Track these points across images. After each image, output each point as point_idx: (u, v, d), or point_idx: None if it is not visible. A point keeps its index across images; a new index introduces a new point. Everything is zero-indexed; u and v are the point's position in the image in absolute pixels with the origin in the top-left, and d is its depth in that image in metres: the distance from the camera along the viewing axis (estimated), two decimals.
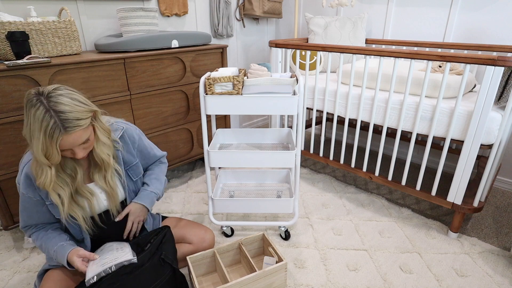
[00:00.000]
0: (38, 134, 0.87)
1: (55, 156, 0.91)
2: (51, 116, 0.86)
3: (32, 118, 0.86)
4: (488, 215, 1.74)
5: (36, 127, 0.86)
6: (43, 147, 0.88)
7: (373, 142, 2.57)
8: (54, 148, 0.89)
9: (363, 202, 1.85)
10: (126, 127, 1.15)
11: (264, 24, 2.87)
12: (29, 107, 0.87)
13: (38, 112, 0.86)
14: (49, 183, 0.95)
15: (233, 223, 1.56)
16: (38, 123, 0.86)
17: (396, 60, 1.49)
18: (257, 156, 1.41)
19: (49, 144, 0.88)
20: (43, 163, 0.92)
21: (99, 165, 1.05)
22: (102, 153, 1.03)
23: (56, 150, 0.89)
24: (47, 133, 0.86)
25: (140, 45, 1.62)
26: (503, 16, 1.76)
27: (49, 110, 0.86)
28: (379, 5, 2.22)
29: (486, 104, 1.27)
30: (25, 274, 1.35)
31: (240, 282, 1.12)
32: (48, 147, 0.88)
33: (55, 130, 0.86)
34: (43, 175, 0.94)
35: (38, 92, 0.89)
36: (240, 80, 1.30)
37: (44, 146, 0.88)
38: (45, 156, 0.90)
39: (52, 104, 0.87)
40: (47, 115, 0.86)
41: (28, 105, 0.88)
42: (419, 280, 1.30)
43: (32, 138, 0.88)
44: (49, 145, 0.88)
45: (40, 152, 0.89)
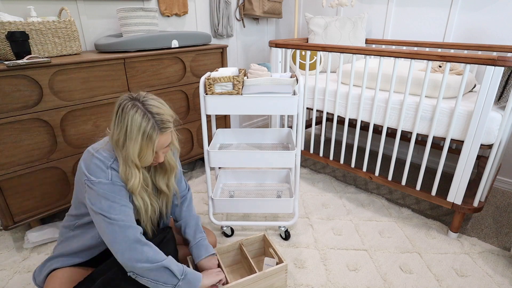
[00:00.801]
0: (136, 135, 0.91)
1: (149, 157, 0.95)
2: (149, 119, 0.91)
3: (130, 120, 0.90)
4: (488, 215, 1.74)
5: (134, 129, 0.90)
6: (140, 148, 0.92)
7: (373, 142, 2.57)
8: (150, 149, 0.94)
9: (363, 202, 1.85)
10: None
11: (264, 24, 2.87)
12: (126, 111, 0.91)
13: (136, 115, 0.90)
14: (137, 186, 0.98)
15: (233, 223, 1.56)
16: (137, 124, 0.90)
17: (396, 60, 1.49)
18: (257, 156, 1.41)
19: (145, 145, 0.92)
20: (135, 165, 0.95)
21: (164, 170, 1.10)
22: (170, 158, 1.09)
23: (151, 150, 0.94)
24: (146, 134, 0.91)
25: (140, 45, 1.62)
26: (503, 16, 1.76)
27: (146, 113, 0.91)
28: (379, 5, 2.22)
29: (486, 104, 1.27)
30: (25, 274, 1.34)
31: (240, 283, 1.12)
32: (144, 148, 0.93)
33: (154, 130, 0.92)
34: (133, 178, 0.96)
35: (131, 97, 0.94)
36: (240, 80, 1.30)
37: (140, 147, 0.92)
38: (139, 158, 0.94)
39: (147, 107, 0.92)
40: (145, 117, 0.91)
41: (124, 109, 0.92)
42: (419, 280, 1.30)
43: (129, 140, 0.91)
44: (145, 146, 0.92)
45: (136, 154, 0.93)
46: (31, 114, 1.35)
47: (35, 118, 1.37)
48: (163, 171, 1.11)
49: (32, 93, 1.33)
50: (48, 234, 1.51)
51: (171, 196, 1.16)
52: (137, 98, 0.94)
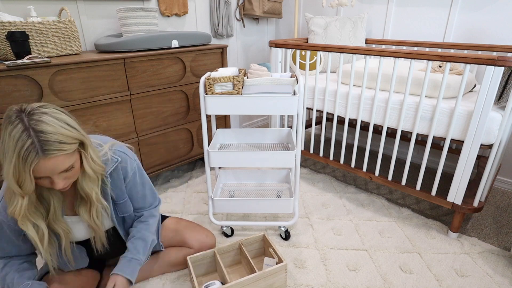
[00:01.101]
0: (11, 155, 0.74)
1: (28, 184, 0.77)
2: (28, 136, 0.74)
3: (7, 136, 0.74)
4: (488, 215, 1.74)
5: (11, 147, 0.74)
6: (14, 171, 0.75)
7: (373, 142, 2.57)
8: (27, 174, 0.75)
9: (363, 202, 1.85)
10: (122, 158, 1.02)
11: (264, 24, 2.87)
12: (6, 124, 0.75)
13: (15, 130, 0.74)
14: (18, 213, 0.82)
15: (233, 223, 1.56)
16: (13, 142, 0.73)
17: (396, 60, 1.49)
18: (257, 156, 1.41)
19: (21, 168, 0.75)
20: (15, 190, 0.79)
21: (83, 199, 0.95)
22: (86, 187, 0.91)
23: (29, 176, 0.76)
24: (21, 155, 0.73)
25: (140, 45, 1.62)
26: (503, 16, 1.76)
27: (28, 128, 0.74)
28: (379, 5, 2.22)
29: (486, 104, 1.27)
30: None
31: (240, 283, 1.12)
32: (21, 172, 0.75)
33: (30, 151, 0.74)
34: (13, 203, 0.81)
35: (20, 108, 0.77)
36: (240, 80, 1.30)
37: (17, 170, 0.75)
38: (17, 183, 0.77)
39: (33, 122, 0.75)
40: (25, 134, 0.73)
41: (5, 121, 0.76)
42: (419, 280, 1.30)
43: (4, 160, 0.76)
44: (21, 170, 0.75)
45: (11, 177, 0.76)
46: None
47: None
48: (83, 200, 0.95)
49: (32, 93, 1.33)
50: None
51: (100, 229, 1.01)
52: (25, 110, 0.76)
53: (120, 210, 1.08)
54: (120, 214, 1.09)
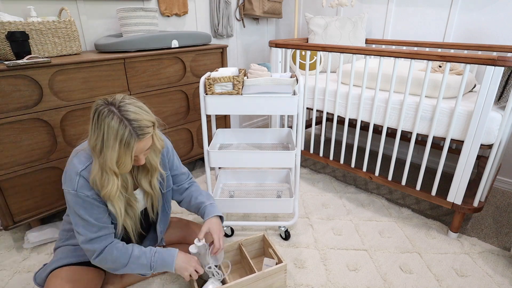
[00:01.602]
0: (113, 143, 0.89)
1: (128, 164, 0.94)
2: (125, 126, 0.89)
3: (106, 128, 0.88)
4: (488, 215, 1.74)
5: (111, 136, 0.88)
6: (118, 156, 0.91)
7: (373, 142, 2.57)
8: (129, 156, 0.92)
9: (363, 202, 1.85)
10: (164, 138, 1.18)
11: (264, 24, 2.87)
12: (102, 118, 0.89)
13: (113, 122, 0.88)
14: (114, 193, 0.96)
15: (233, 223, 1.56)
16: (113, 132, 0.88)
17: (396, 60, 1.48)
18: (257, 156, 1.41)
19: (123, 152, 0.90)
20: (113, 172, 0.93)
21: (146, 169, 1.09)
22: (152, 159, 1.07)
23: (130, 158, 0.93)
24: (124, 141, 0.89)
25: (140, 45, 1.62)
26: (503, 16, 1.76)
27: (122, 120, 0.89)
28: (379, 5, 2.22)
29: (486, 104, 1.27)
30: (25, 274, 1.34)
31: (240, 283, 1.12)
32: (122, 156, 0.91)
33: (131, 138, 0.90)
34: (110, 185, 0.94)
35: (107, 102, 0.91)
36: (240, 80, 1.30)
37: (118, 154, 0.90)
38: (118, 165, 0.92)
39: (123, 113, 0.90)
40: (122, 124, 0.88)
41: (100, 116, 0.89)
42: (419, 280, 1.30)
43: (106, 148, 0.90)
44: (123, 154, 0.91)
45: (114, 161, 0.91)
46: (31, 114, 1.35)
47: (35, 118, 1.37)
48: (145, 171, 1.10)
49: (32, 93, 1.33)
50: (48, 234, 1.51)
51: (156, 195, 1.16)
52: (113, 103, 0.91)
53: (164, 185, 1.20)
54: (163, 189, 1.20)
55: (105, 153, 0.90)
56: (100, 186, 0.95)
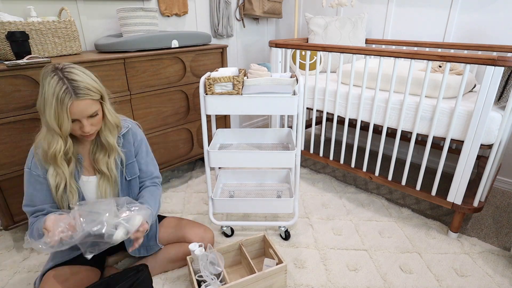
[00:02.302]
0: (51, 99, 0.92)
1: (66, 123, 0.95)
2: (63, 83, 0.92)
3: (46, 86, 0.92)
4: (488, 215, 1.74)
5: (50, 93, 0.92)
6: (55, 113, 0.93)
7: (373, 142, 2.57)
8: (65, 113, 0.93)
9: (363, 202, 1.85)
10: (132, 126, 1.19)
11: (264, 24, 2.87)
12: (44, 78, 0.94)
13: (52, 80, 0.92)
14: (58, 152, 0.98)
15: (233, 223, 1.56)
16: (51, 89, 0.92)
17: (396, 60, 1.48)
18: (257, 156, 1.41)
19: (60, 109, 0.92)
20: (54, 131, 0.96)
21: (104, 149, 1.10)
22: (108, 136, 1.08)
23: (66, 115, 0.94)
24: (59, 97, 0.91)
25: (140, 45, 1.61)
26: (503, 16, 1.76)
27: (62, 78, 0.93)
28: (379, 5, 2.22)
29: (486, 104, 1.27)
30: (25, 274, 1.35)
31: (240, 283, 1.12)
32: (60, 113, 0.93)
33: (66, 94, 0.92)
34: (54, 144, 0.97)
35: (54, 66, 0.96)
36: (240, 80, 1.30)
37: (56, 111, 0.93)
38: (57, 123, 0.95)
39: (66, 73, 0.94)
40: (61, 82, 0.92)
41: (44, 76, 0.94)
42: (419, 280, 1.30)
43: (46, 106, 0.93)
44: (60, 111, 0.93)
45: (53, 118, 0.94)
46: (31, 114, 1.35)
47: (35, 118, 1.36)
48: (103, 151, 1.10)
49: (32, 93, 1.33)
50: None
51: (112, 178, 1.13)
52: (59, 67, 0.96)
53: (129, 172, 1.19)
54: (128, 176, 1.18)
55: (46, 111, 0.94)
56: (47, 147, 0.98)
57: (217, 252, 1.19)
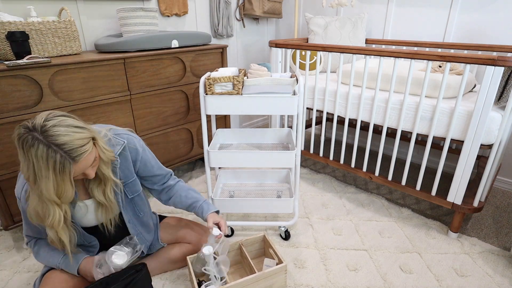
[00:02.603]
0: (46, 173, 0.81)
1: (69, 191, 0.87)
2: (55, 151, 0.80)
3: (34, 158, 0.79)
4: (488, 215, 1.74)
5: (42, 167, 0.80)
6: (54, 185, 0.83)
7: (373, 142, 2.57)
8: (68, 182, 0.85)
9: (363, 202, 1.85)
10: (128, 140, 1.09)
11: (264, 24, 2.87)
12: (26, 148, 0.79)
13: (39, 151, 0.79)
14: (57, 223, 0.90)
15: (233, 223, 1.56)
16: (43, 163, 0.80)
17: (396, 60, 1.48)
18: (257, 156, 1.41)
19: (60, 180, 0.83)
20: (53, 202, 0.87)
21: (98, 179, 1.02)
22: (103, 169, 0.99)
23: (70, 183, 0.86)
24: (57, 169, 0.81)
25: (140, 45, 1.62)
26: (503, 16, 1.76)
27: (49, 145, 0.79)
28: (379, 5, 2.22)
29: (486, 104, 1.27)
30: (25, 274, 1.34)
31: (240, 283, 1.12)
32: (60, 184, 0.84)
33: (65, 163, 0.81)
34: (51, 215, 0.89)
35: (29, 129, 0.80)
36: (240, 80, 1.30)
37: (55, 183, 0.83)
38: (57, 195, 0.85)
39: (50, 139, 0.80)
40: (50, 151, 0.79)
41: (24, 145, 0.80)
42: (419, 280, 1.30)
43: (39, 179, 0.82)
44: (61, 181, 0.83)
45: (52, 191, 0.84)
46: (31, 114, 1.35)
47: None
48: (97, 181, 1.03)
49: (32, 93, 1.33)
50: None
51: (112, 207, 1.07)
52: (36, 129, 0.80)
53: (129, 190, 1.14)
54: (130, 195, 1.14)
55: (39, 184, 0.82)
56: (43, 216, 0.90)
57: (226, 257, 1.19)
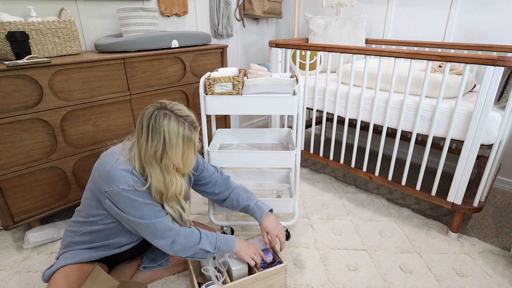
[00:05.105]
0: (176, 141, 0.95)
1: (192, 159, 1.01)
2: (183, 122, 0.96)
3: (166, 128, 0.93)
4: (488, 215, 1.74)
5: (173, 135, 0.94)
6: (182, 152, 0.97)
7: (373, 142, 2.57)
8: (192, 150, 0.99)
9: (363, 202, 1.85)
10: None
11: (264, 24, 2.87)
12: (160, 122, 0.94)
13: (171, 122, 0.94)
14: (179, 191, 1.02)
15: (233, 223, 1.56)
16: (174, 131, 0.94)
17: (396, 60, 1.48)
18: (257, 156, 1.41)
19: (187, 147, 0.97)
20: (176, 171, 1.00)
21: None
22: None
23: (193, 152, 1.00)
24: (186, 137, 0.96)
25: (140, 45, 1.62)
26: (503, 16, 1.76)
27: (178, 118, 0.96)
28: (379, 5, 2.22)
29: (486, 104, 1.27)
30: (25, 274, 1.34)
31: (240, 283, 1.12)
32: (186, 151, 0.98)
33: (191, 131, 0.97)
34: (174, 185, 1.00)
35: (158, 107, 0.97)
36: (240, 80, 1.30)
37: (182, 150, 0.97)
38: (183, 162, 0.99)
39: (176, 112, 0.97)
40: (180, 121, 0.95)
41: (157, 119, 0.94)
42: (419, 280, 1.30)
43: (169, 148, 0.95)
44: (186, 149, 0.98)
45: (180, 158, 0.97)
46: (31, 114, 1.35)
47: (35, 118, 1.37)
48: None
49: (32, 93, 1.33)
50: (48, 234, 1.51)
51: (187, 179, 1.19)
52: (165, 107, 0.97)
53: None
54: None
55: (169, 154, 0.95)
56: (165, 190, 1.00)
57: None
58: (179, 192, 1.03)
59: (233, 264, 1.18)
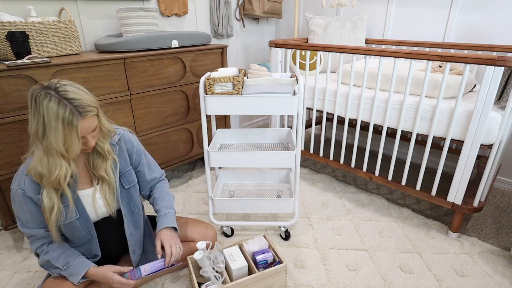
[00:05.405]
0: (55, 124, 0.86)
1: (75, 145, 0.91)
2: (65, 105, 0.87)
3: (45, 110, 0.86)
4: (488, 215, 1.74)
5: (52, 117, 0.86)
6: (63, 137, 0.88)
7: (373, 142, 2.57)
8: (75, 136, 0.89)
9: (363, 202, 1.85)
10: (124, 132, 1.15)
11: (264, 24, 2.87)
12: (39, 101, 0.86)
13: (51, 103, 0.86)
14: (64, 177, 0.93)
15: (233, 223, 1.56)
16: (53, 113, 0.86)
17: (396, 60, 1.48)
18: (257, 156, 1.41)
19: (68, 132, 0.88)
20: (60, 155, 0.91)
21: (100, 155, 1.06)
22: (103, 142, 1.04)
23: (77, 138, 0.90)
24: (66, 120, 0.87)
25: (140, 45, 1.62)
26: (503, 16, 1.76)
27: (61, 99, 0.87)
28: (379, 5, 2.22)
29: (486, 104, 1.27)
30: (25, 274, 1.34)
31: (240, 283, 1.12)
32: (68, 136, 0.89)
33: (73, 115, 0.87)
34: (57, 169, 0.92)
35: (43, 86, 0.89)
36: (240, 80, 1.30)
37: (63, 135, 0.88)
38: (64, 147, 0.90)
39: (62, 93, 0.88)
40: (61, 103, 0.86)
41: (37, 99, 0.87)
42: (419, 280, 1.30)
43: (48, 131, 0.87)
44: (68, 134, 0.88)
45: (60, 143, 0.89)
46: None
47: None
48: (100, 157, 1.06)
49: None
50: None
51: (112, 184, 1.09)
52: (50, 87, 0.89)
53: (126, 180, 1.15)
54: (126, 185, 1.15)
55: (48, 136, 0.88)
56: (48, 172, 0.92)
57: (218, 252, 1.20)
58: (64, 176, 0.93)
59: (233, 264, 1.18)
